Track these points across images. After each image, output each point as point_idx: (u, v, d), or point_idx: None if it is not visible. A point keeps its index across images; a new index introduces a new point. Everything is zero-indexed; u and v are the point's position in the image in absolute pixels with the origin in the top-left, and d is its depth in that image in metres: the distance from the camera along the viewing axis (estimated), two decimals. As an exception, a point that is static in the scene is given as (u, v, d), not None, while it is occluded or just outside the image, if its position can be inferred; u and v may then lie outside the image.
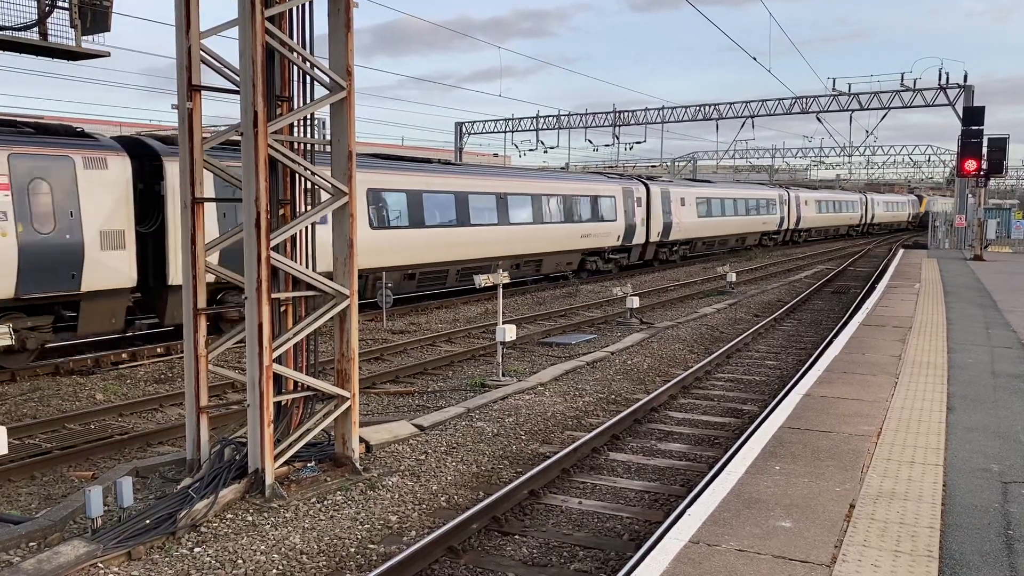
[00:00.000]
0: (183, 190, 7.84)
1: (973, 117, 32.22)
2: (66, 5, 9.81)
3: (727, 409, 11.15)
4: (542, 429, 10.07)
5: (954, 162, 42.46)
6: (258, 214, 7.16)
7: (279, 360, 7.72)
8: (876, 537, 5.21)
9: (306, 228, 8.14)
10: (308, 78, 8.03)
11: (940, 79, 37.18)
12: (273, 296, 7.48)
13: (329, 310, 7.90)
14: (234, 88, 7.81)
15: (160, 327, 15.24)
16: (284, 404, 7.98)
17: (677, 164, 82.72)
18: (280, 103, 7.94)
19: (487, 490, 7.91)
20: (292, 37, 7.85)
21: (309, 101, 8.04)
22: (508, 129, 51.60)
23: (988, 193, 39.53)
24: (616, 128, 49.44)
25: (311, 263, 8.16)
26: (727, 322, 19.18)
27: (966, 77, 37.09)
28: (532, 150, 51.71)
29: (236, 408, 10.74)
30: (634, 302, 19.10)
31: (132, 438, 9.58)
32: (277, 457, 7.52)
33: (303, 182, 8.20)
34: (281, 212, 8.00)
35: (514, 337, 13.03)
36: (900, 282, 21.98)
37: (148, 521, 6.55)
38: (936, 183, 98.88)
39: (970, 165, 31.64)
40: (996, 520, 5.52)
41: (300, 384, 8.05)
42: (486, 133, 52.46)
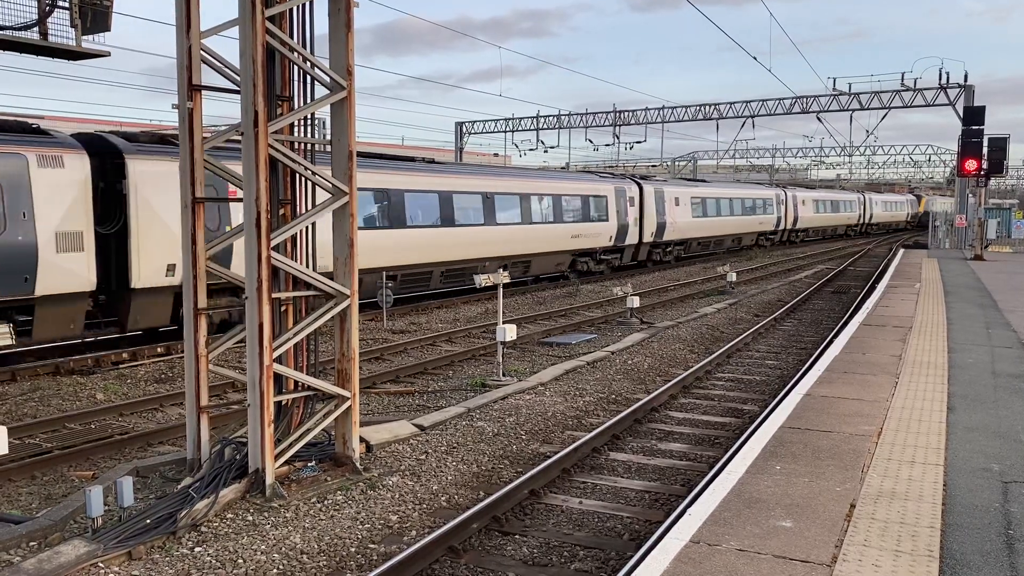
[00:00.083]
0: (183, 190, 7.83)
1: (973, 117, 32.22)
2: (66, 5, 9.80)
3: (727, 409, 11.14)
4: (542, 429, 10.07)
5: (954, 162, 42.47)
6: (258, 214, 7.16)
7: (279, 360, 7.72)
8: (877, 537, 5.21)
9: (306, 228, 8.14)
10: (308, 78, 8.03)
11: (940, 79, 37.20)
12: (274, 296, 7.48)
13: (329, 310, 7.90)
14: (234, 88, 7.80)
15: (123, 332, 14.75)
16: (284, 404, 7.98)
17: (677, 164, 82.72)
18: (280, 103, 7.94)
19: (487, 490, 7.91)
20: (292, 37, 7.85)
21: (309, 101, 8.04)
22: (508, 129, 51.60)
23: (988, 193, 39.48)
24: (616, 128, 49.46)
25: (311, 263, 8.16)
26: (727, 322, 19.18)
27: (966, 77, 37.13)
28: (532, 150, 51.73)
29: (236, 408, 10.74)
30: (634, 302, 19.10)
31: (132, 438, 9.58)
32: (277, 457, 7.52)
33: (303, 182, 8.20)
34: (281, 212, 8.00)
35: (514, 337, 13.03)
36: (900, 282, 21.98)
37: (148, 521, 6.55)
38: (936, 183, 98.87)
39: (970, 165, 31.64)
40: (997, 520, 5.52)
41: (300, 384, 8.05)
42: (486, 133, 52.48)
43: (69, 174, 13.15)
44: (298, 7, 7.86)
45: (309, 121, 8.30)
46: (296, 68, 8.00)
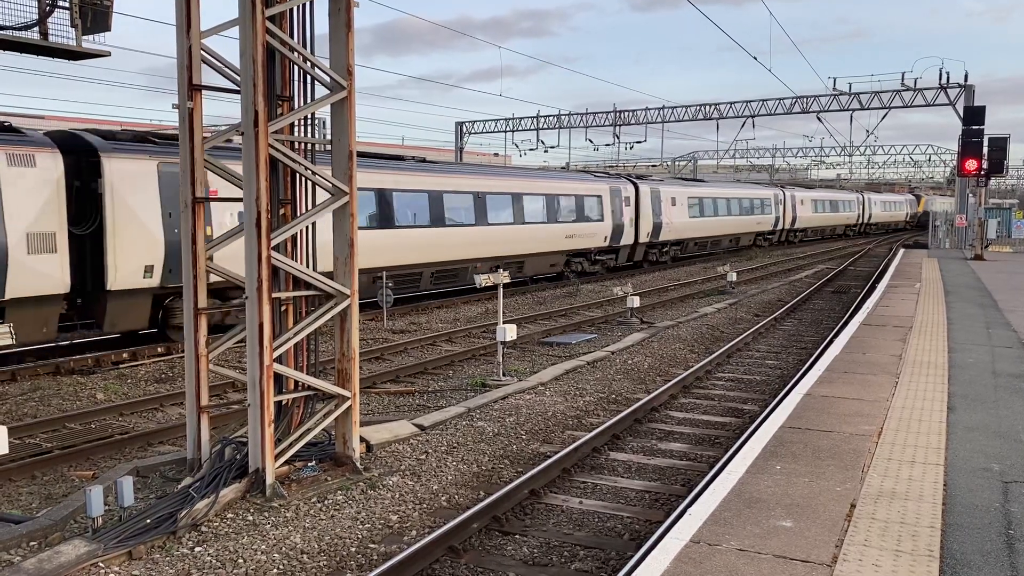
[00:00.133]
0: (183, 190, 7.83)
1: (974, 117, 32.22)
2: (66, 5, 9.80)
3: (728, 409, 11.14)
4: (543, 429, 10.07)
5: (955, 162, 42.47)
6: (259, 213, 7.16)
7: (280, 360, 7.71)
8: (877, 537, 5.21)
9: (306, 228, 8.14)
10: (309, 78, 8.03)
11: (941, 79, 37.19)
12: (274, 296, 7.48)
13: (330, 310, 7.90)
14: (235, 88, 7.80)
15: (100, 336, 14.41)
16: (285, 403, 7.98)
17: (677, 164, 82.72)
18: (281, 103, 7.94)
19: (488, 489, 7.91)
20: (293, 37, 7.85)
21: (310, 101, 8.04)
22: (508, 129, 51.60)
23: (988, 193, 39.48)
24: (616, 128, 49.45)
25: (311, 263, 8.16)
26: (727, 322, 19.18)
27: (967, 77, 37.11)
28: (533, 150, 51.72)
29: (237, 408, 10.74)
30: (634, 302, 19.10)
31: (133, 437, 9.59)
32: (278, 456, 7.52)
33: (303, 182, 8.19)
34: (282, 212, 8.00)
35: (514, 337, 13.02)
36: (901, 282, 21.98)
37: (149, 520, 6.55)
38: (937, 183, 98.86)
39: (971, 165, 31.65)
40: (997, 520, 5.52)
41: (301, 384, 8.05)
42: (487, 133, 52.47)
43: (41, 173, 12.79)
44: (298, 7, 7.86)
45: (309, 121, 8.30)
46: (296, 68, 8.00)
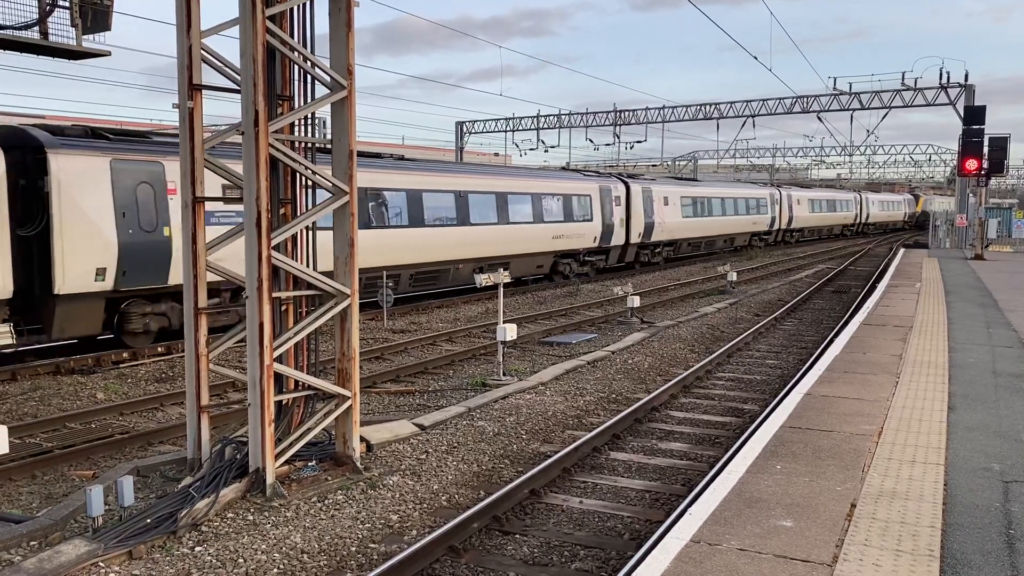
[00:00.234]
0: (183, 190, 7.83)
1: (974, 116, 32.21)
2: (67, 4, 9.81)
3: (728, 408, 11.14)
4: (543, 428, 10.06)
5: (955, 161, 42.47)
6: (259, 213, 7.16)
7: (280, 359, 7.71)
8: (877, 536, 5.21)
9: (306, 227, 8.14)
10: (309, 77, 8.03)
11: (941, 78, 37.18)
12: (274, 295, 7.48)
13: (330, 309, 7.90)
14: (235, 87, 7.80)
15: (47, 342, 13.75)
16: (285, 403, 7.98)
17: (678, 164, 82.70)
18: (281, 102, 7.94)
19: (488, 489, 7.91)
20: (293, 36, 7.85)
21: (310, 100, 8.04)
22: (509, 128, 51.59)
23: (988, 192, 39.48)
24: (617, 127, 49.43)
25: (311, 262, 8.16)
26: (728, 321, 19.18)
27: (967, 76, 37.08)
28: (533, 149, 51.69)
29: (237, 407, 10.74)
30: (635, 301, 19.10)
31: (133, 437, 9.59)
32: (278, 456, 7.52)
33: (304, 181, 8.19)
34: (282, 211, 8.00)
35: (515, 336, 13.02)
36: (901, 281, 21.97)
37: (149, 520, 6.55)
38: (937, 182, 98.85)
39: (971, 164, 31.64)
40: (997, 519, 5.52)
41: (301, 383, 8.05)
42: (487, 132, 52.46)
43: None
44: (298, 6, 7.86)
45: (309, 120, 8.30)
46: (296, 67, 8.00)
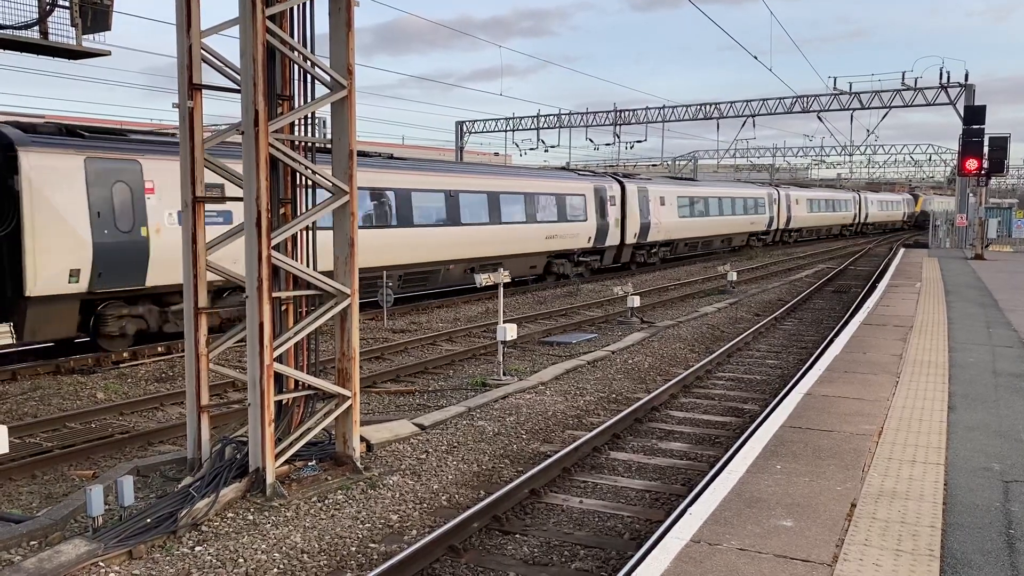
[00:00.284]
0: (183, 189, 7.82)
1: (974, 116, 32.21)
2: (67, 4, 9.80)
3: (728, 408, 11.14)
4: (543, 428, 10.06)
5: (955, 161, 42.47)
6: (259, 213, 7.15)
7: (280, 359, 7.71)
8: (877, 536, 5.21)
9: (306, 227, 8.13)
10: (309, 77, 8.03)
11: (941, 78, 37.18)
12: (274, 295, 7.48)
13: (330, 309, 7.90)
14: (235, 87, 7.80)
15: (20, 345, 13.37)
16: (285, 403, 7.98)
17: (678, 163, 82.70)
18: (281, 102, 7.94)
19: (488, 489, 7.91)
20: (293, 36, 7.85)
21: (310, 100, 8.03)
22: (509, 128, 51.59)
23: (988, 192, 39.48)
24: (617, 127, 49.43)
25: (312, 262, 8.16)
26: (728, 321, 19.18)
27: (967, 76, 37.08)
28: (533, 149, 51.70)
29: (237, 407, 10.74)
30: (635, 301, 19.10)
31: (133, 437, 9.59)
32: (278, 456, 7.52)
33: (304, 181, 8.19)
34: (282, 211, 8.00)
35: (515, 336, 13.02)
36: (901, 281, 21.97)
37: (149, 520, 6.55)
38: (937, 182, 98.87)
39: (971, 164, 31.63)
40: (997, 519, 5.52)
41: (301, 383, 8.05)
42: (487, 132, 52.46)
43: None
44: (298, 6, 7.85)
45: (309, 120, 8.30)
46: (296, 67, 8.00)
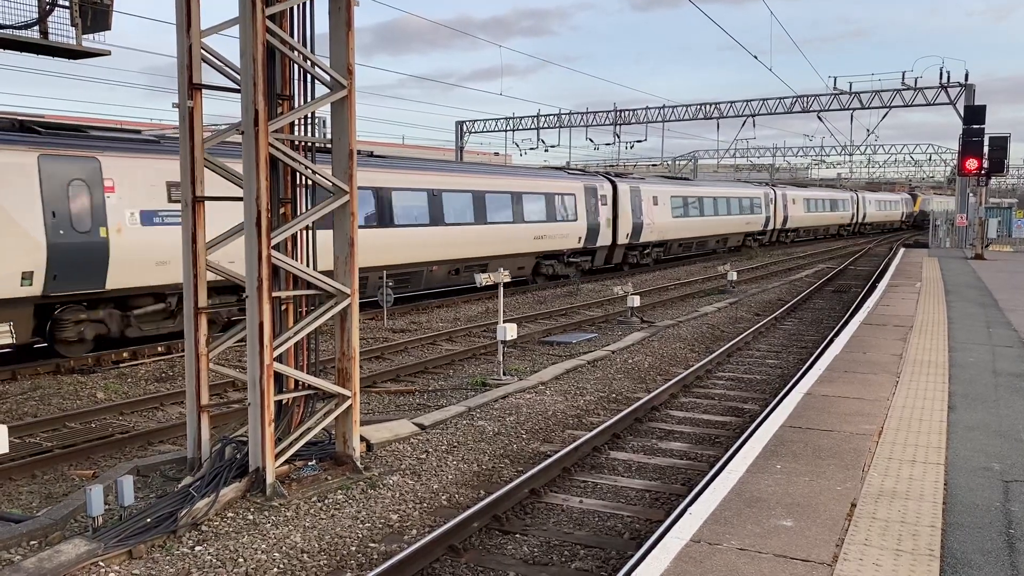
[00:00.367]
0: (183, 189, 7.82)
1: (974, 116, 32.22)
2: (67, 3, 9.79)
3: (728, 408, 11.14)
4: (543, 428, 10.06)
5: (955, 161, 42.47)
6: (259, 213, 7.15)
7: (280, 359, 7.71)
8: (877, 536, 5.21)
9: (306, 227, 8.13)
10: (309, 76, 8.03)
11: (941, 78, 37.17)
12: (274, 295, 7.48)
13: (330, 309, 7.90)
14: (235, 87, 7.80)
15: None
16: (285, 403, 7.98)
17: (678, 163, 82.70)
18: (281, 102, 7.93)
19: (488, 489, 7.91)
20: (293, 36, 7.84)
21: (310, 100, 8.03)
22: (509, 128, 51.58)
23: (988, 192, 39.48)
24: (617, 127, 49.43)
25: (311, 262, 8.16)
26: (728, 321, 19.17)
27: (967, 76, 37.07)
28: (533, 149, 51.68)
29: (237, 407, 10.74)
30: (635, 301, 19.10)
31: (133, 437, 9.59)
32: (278, 456, 7.51)
33: (304, 181, 8.19)
34: (282, 211, 8.00)
35: (515, 336, 13.02)
36: (901, 281, 21.97)
37: (149, 520, 6.55)
38: (937, 182, 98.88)
39: (971, 164, 31.64)
40: (997, 519, 5.52)
41: (301, 383, 8.05)
42: (487, 132, 52.45)
43: None
44: (298, 6, 7.85)
45: (309, 120, 8.30)
46: (296, 67, 7.99)
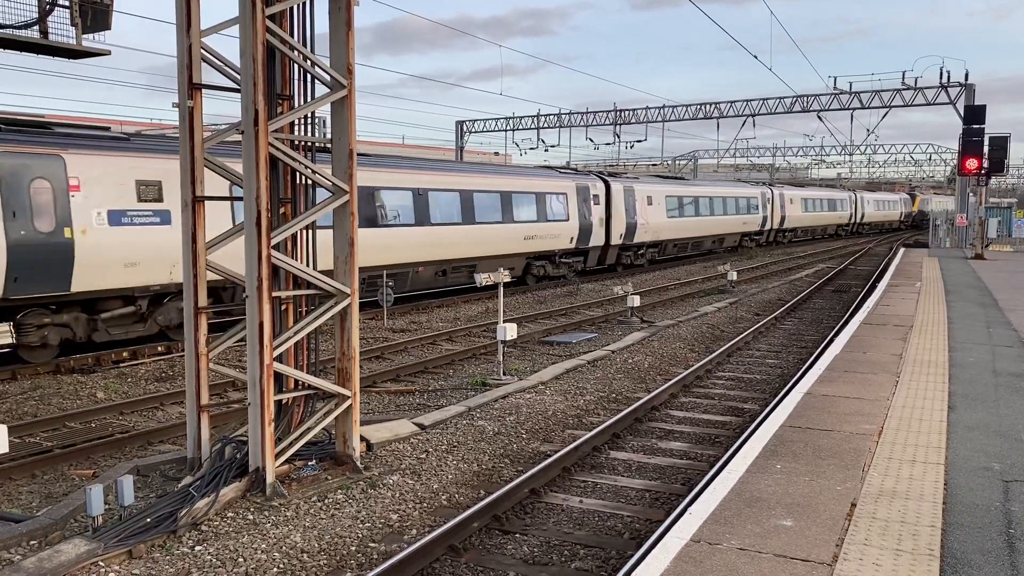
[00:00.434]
0: (183, 189, 7.82)
1: (974, 116, 32.22)
2: (66, 3, 9.79)
3: (728, 408, 11.14)
4: (543, 428, 10.06)
5: (955, 161, 42.46)
6: (259, 212, 7.15)
7: (280, 359, 7.71)
8: (877, 536, 5.21)
9: (306, 227, 8.13)
10: (309, 76, 8.03)
11: (941, 78, 37.17)
12: (274, 295, 7.48)
13: (330, 308, 7.90)
14: (235, 86, 7.80)
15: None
16: (285, 403, 7.98)
17: (678, 163, 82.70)
18: (281, 101, 7.93)
19: (488, 488, 7.91)
20: (293, 35, 7.84)
21: (310, 99, 8.03)
22: (509, 128, 51.58)
23: (988, 192, 39.48)
24: (617, 127, 49.42)
25: (311, 262, 8.16)
26: (728, 320, 19.17)
27: (967, 76, 37.07)
28: (533, 149, 51.67)
29: (237, 407, 10.74)
30: (635, 301, 19.10)
31: (133, 436, 9.59)
32: (278, 456, 7.51)
33: (304, 180, 8.19)
34: (282, 211, 8.00)
35: (515, 336, 13.02)
36: (901, 281, 21.96)
37: (149, 519, 6.55)
38: (937, 182, 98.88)
39: (971, 164, 31.64)
40: (997, 519, 5.52)
41: (301, 383, 8.05)
42: (487, 132, 52.45)
43: None
44: (298, 5, 7.85)
45: (309, 120, 8.30)
46: (296, 67, 7.99)
